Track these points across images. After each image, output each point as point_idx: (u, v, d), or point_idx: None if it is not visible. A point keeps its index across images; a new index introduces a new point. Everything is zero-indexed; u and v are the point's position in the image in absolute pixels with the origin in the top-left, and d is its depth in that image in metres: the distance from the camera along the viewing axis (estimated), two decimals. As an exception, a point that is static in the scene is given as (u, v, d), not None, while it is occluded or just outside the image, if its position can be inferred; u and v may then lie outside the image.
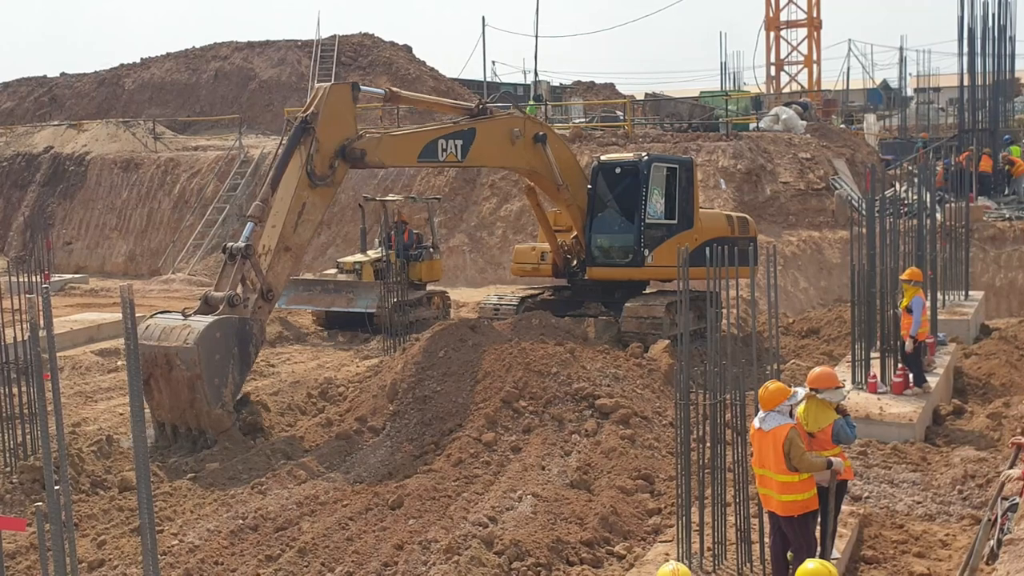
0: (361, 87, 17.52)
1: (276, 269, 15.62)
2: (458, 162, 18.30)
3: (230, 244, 15.66)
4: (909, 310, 15.68)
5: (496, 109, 20.20)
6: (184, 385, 14.56)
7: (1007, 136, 34.11)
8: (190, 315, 15.13)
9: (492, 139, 18.60)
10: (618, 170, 20.44)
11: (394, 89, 18.26)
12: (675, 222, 20.06)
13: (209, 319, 14.82)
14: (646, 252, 19.66)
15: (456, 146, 17.88)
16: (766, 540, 9.74)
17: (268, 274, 15.45)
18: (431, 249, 25.31)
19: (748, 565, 9.88)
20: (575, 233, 20.76)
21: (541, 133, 19.53)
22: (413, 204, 28.20)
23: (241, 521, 11.86)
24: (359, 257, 24.88)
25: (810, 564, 7.01)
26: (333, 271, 25.23)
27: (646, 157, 20.30)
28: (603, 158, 21.36)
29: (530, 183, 20.78)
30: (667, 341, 18.11)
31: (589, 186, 20.38)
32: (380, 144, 16.97)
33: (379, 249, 25.02)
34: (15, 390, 13.69)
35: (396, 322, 21.16)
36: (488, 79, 53.10)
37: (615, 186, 20.39)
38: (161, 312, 15.89)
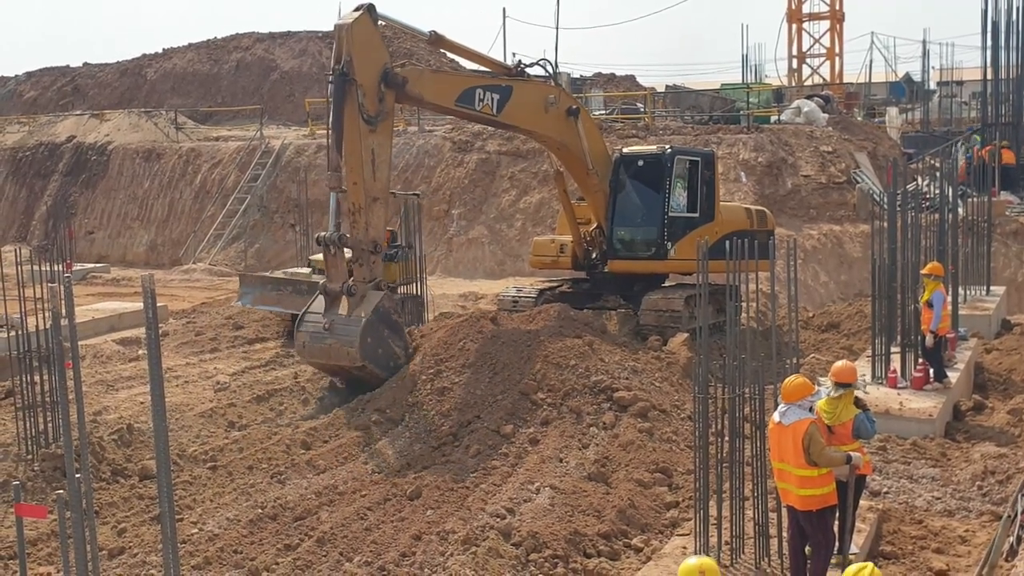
0: (400, 21, 17.45)
1: (373, 222, 16.42)
2: (493, 116, 18.25)
3: (323, 235, 16.63)
4: (930, 305, 15.61)
5: (531, 76, 20.10)
6: (371, 380, 16.36)
7: (971, 128, 34.05)
8: (326, 323, 16.20)
9: (527, 100, 18.59)
10: (641, 162, 20.36)
11: (439, 32, 18.06)
12: (697, 215, 19.99)
13: (356, 328, 15.99)
14: (669, 245, 19.58)
15: (493, 99, 17.93)
16: (784, 534, 9.72)
17: (369, 231, 16.34)
18: (407, 249, 23.11)
19: (766, 559, 9.87)
20: (595, 225, 20.69)
21: (575, 107, 19.50)
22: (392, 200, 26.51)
23: (260, 510, 11.93)
24: None
25: (853, 568, 6.81)
26: (307, 270, 23.01)
27: (669, 149, 20.25)
28: (625, 150, 21.27)
29: (559, 167, 20.67)
30: (686, 334, 18.06)
31: (611, 178, 20.30)
32: (422, 76, 17.08)
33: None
34: (37, 378, 13.78)
35: None
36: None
37: (638, 178, 20.31)
38: (304, 321, 16.69)
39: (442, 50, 17.98)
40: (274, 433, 15.23)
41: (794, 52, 57.30)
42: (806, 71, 57.66)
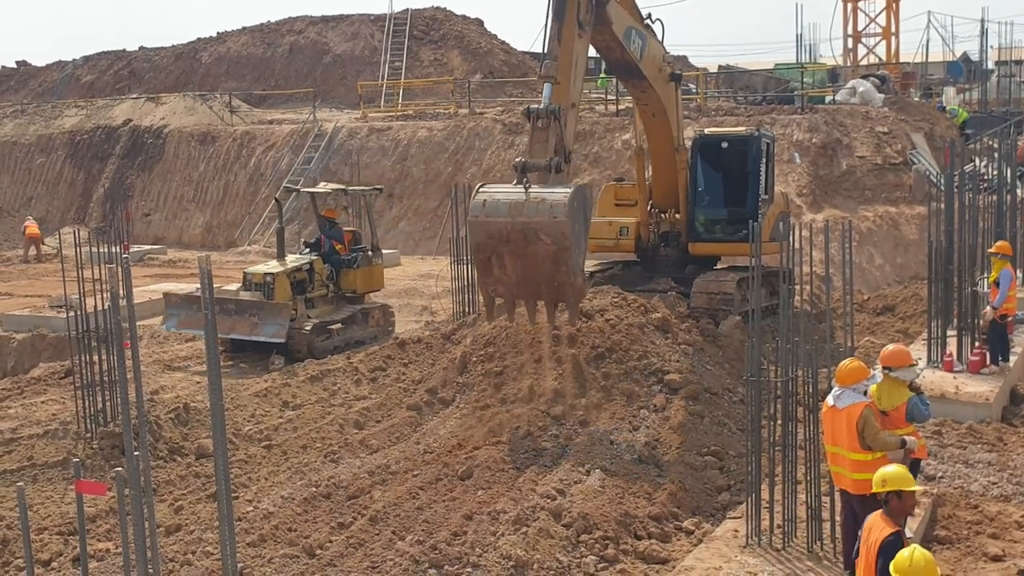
0: None
1: (569, 127, 15.01)
2: (637, 60, 17.59)
3: (533, 107, 14.56)
4: (998, 283, 15.38)
5: None
6: (546, 260, 13.48)
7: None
8: (529, 186, 13.66)
9: (653, 53, 18.26)
10: (725, 144, 20.22)
11: None
12: (767, 197, 19.97)
13: (566, 190, 13.58)
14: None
15: (638, 44, 17.43)
16: (837, 518, 9.66)
17: (564, 137, 14.73)
18: (369, 253, 21.38)
19: (818, 543, 9.82)
20: (648, 207, 20.51)
21: (677, 72, 19.35)
22: (345, 196, 24.74)
23: (314, 489, 12.07)
24: (272, 267, 20.17)
25: (905, 552, 6.70)
26: (235, 286, 20.51)
27: (758, 132, 20.19)
28: (707, 131, 21.21)
29: (642, 142, 20.21)
30: (738, 317, 17.96)
31: (690, 159, 20.05)
32: None
33: (306, 252, 21.08)
34: (95, 358, 14.02)
35: (317, 348, 19.11)
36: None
37: (722, 160, 20.14)
38: (480, 192, 14.00)
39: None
40: (327, 413, 15.40)
41: (849, 31, 56.56)
42: (861, 51, 56.91)
